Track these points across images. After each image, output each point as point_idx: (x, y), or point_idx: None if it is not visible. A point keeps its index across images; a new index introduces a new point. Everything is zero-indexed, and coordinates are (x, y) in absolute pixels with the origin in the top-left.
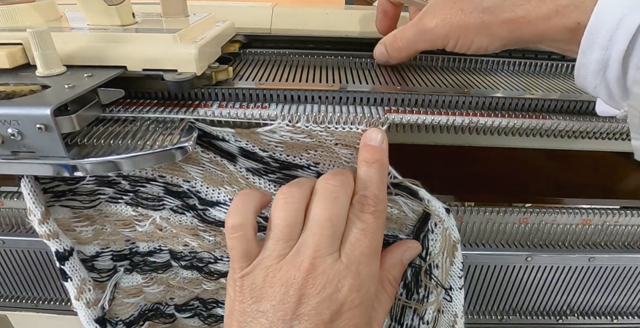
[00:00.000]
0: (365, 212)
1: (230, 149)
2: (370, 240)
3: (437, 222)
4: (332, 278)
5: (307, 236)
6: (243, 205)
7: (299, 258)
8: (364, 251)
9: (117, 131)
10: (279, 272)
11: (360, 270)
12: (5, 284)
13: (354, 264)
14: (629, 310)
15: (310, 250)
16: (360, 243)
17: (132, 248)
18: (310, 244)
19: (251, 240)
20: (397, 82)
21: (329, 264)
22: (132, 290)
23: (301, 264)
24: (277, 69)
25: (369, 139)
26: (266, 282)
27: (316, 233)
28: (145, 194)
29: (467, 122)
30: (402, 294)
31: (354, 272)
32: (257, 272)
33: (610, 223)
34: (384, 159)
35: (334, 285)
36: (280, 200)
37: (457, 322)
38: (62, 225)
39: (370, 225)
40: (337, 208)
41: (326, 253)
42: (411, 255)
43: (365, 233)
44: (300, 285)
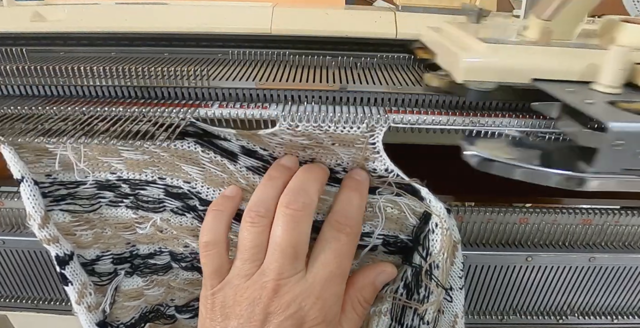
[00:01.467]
0: (341, 232)
1: (231, 148)
2: (339, 262)
3: (437, 222)
4: (296, 297)
5: (270, 260)
6: (214, 222)
7: (264, 279)
8: (333, 271)
9: None
10: (247, 291)
11: (325, 289)
12: (5, 284)
13: (319, 284)
14: (629, 310)
15: (274, 273)
16: (330, 264)
17: (133, 251)
18: (273, 268)
19: (223, 257)
20: (397, 82)
21: (293, 284)
22: (133, 293)
23: (266, 285)
24: (277, 69)
25: (355, 174)
26: (235, 300)
27: (278, 258)
28: (145, 197)
29: (467, 122)
30: (402, 294)
31: (319, 291)
32: (227, 290)
33: (610, 224)
34: (364, 190)
35: (297, 303)
36: (246, 223)
37: (457, 322)
38: (62, 230)
39: (342, 246)
40: (298, 233)
41: (289, 275)
42: (384, 280)
43: (335, 254)
44: (265, 304)
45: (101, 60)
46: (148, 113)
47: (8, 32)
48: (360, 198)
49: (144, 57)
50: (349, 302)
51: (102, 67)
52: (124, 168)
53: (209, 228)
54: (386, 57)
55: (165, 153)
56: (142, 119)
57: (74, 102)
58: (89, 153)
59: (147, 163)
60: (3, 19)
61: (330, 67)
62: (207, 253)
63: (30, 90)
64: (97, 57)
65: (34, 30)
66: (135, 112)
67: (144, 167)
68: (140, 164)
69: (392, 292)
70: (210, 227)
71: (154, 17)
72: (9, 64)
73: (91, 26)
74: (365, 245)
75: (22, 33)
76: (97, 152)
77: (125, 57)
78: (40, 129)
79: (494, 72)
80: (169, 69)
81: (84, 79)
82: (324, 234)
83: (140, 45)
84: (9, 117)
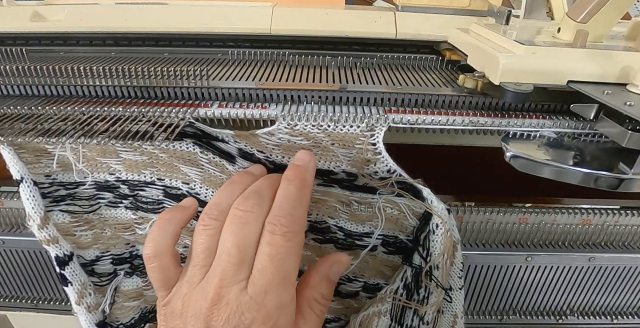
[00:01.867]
0: (275, 234)
1: (229, 150)
2: (277, 267)
3: (439, 223)
4: (235, 310)
5: (216, 264)
6: (159, 233)
7: (207, 288)
8: (271, 279)
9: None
10: (191, 300)
11: (267, 301)
12: (5, 284)
13: (260, 295)
14: (629, 310)
15: (217, 279)
16: (266, 271)
17: (132, 251)
18: (217, 273)
19: (169, 268)
20: (397, 82)
21: (234, 295)
22: (133, 293)
23: (207, 294)
24: (277, 69)
25: (296, 159)
26: (182, 311)
27: (223, 261)
28: (144, 198)
29: (467, 122)
30: (402, 295)
31: (259, 303)
32: (174, 301)
33: (610, 223)
34: (306, 177)
35: (237, 317)
36: (199, 227)
37: (457, 322)
38: (61, 230)
39: (278, 249)
40: (245, 234)
41: (232, 283)
42: (339, 270)
43: (272, 259)
44: (205, 316)
45: (101, 60)
46: (147, 113)
47: (8, 32)
48: (299, 190)
49: (143, 57)
50: (305, 303)
51: (101, 67)
52: (122, 169)
53: (152, 238)
54: (386, 57)
55: (164, 154)
56: (141, 119)
57: (73, 102)
58: (87, 154)
59: (145, 164)
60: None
61: (330, 67)
62: (151, 266)
63: (30, 90)
64: (96, 57)
65: (33, 30)
66: (135, 112)
67: (142, 168)
68: (139, 164)
69: (392, 292)
70: (154, 237)
71: (153, 17)
72: (8, 64)
73: (91, 26)
74: (365, 246)
75: (22, 33)
76: (96, 152)
77: (125, 57)
78: (40, 129)
79: (531, 74)
80: (169, 69)
81: (83, 79)
82: (261, 239)
83: (140, 45)
84: (9, 117)
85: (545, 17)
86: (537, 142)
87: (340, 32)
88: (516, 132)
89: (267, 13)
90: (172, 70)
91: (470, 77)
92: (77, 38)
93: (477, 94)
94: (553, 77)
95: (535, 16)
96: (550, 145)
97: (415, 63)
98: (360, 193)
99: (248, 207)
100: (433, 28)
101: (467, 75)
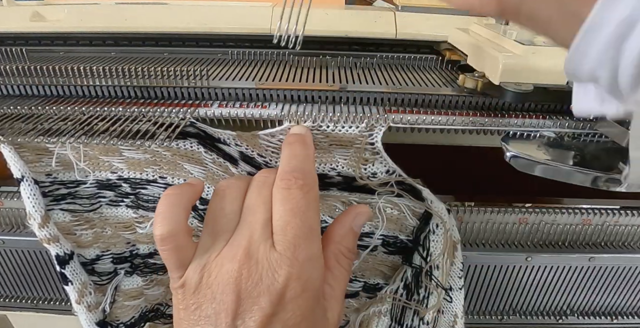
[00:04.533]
0: (291, 189)
1: (231, 153)
2: (301, 220)
3: (439, 223)
4: (267, 268)
5: (241, 225)
6: (170, 210)
7: (234, 250)
8: (297, 233)
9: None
10: (215, 269)
11: (297, 254)
12: (5, 284)
13: (289, 250)
14: (629, 310)
15: (245, 240)
16: (291, 226)
17: (133, 250)
18: (245, 233)
19: (185, 247)
20: (397, 82)
21: (263, 253)
22: (133, 292)
23: (235, 255)
24: (277, 69)
25: (294, 130)
26: (204, 283)
27: (249, 221)
28: (146, 196)
29: (467, 122)
30: (402, 295)
31: (290, 258)
32: (193, 276)
33: (610, 223)
34: (307, 140)
35: (270, 275)
36: (218, 191)
37: (457, 322)
38: (62, 229)
39: (299, 202)
40: (267, 193)
41: (260, 241)
42: (361, 221)
43: (294, 213)
44: (235, 279)
45: (101, 60)
46: (148, 113)
47: (8, 32)
48: (304, 148)
49: (143, 57)
50: (332, 257)
51: (102, 67)
52: (124, 168)
53: (165, 217)
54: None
55: (167, 152)
56: (141, 118)
57: (73, 101)
58: (89, 152)
59: (148, 162)
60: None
61: (330, 67)
62: (165, 248)
63: (30, 90)
64: (97, 57)
65: (34, 30)
66: (135, 112)
67: (145, 166)
68: (142, 163)
69: (392, 292)
70: (167, 215)
71: (153, 17)
72: (9, 63)
73: (91, 26)
74: (366, 246)
75: (22, 33)
76: (98, 151)
77: (125, 57)
78: (40, 128)
79: (531, 74)
80: (169, 69)
81: (83, 78)
82: (275, 198)
83: (140, 45)
84: (9, 117)
85: None
86: (537, 142)
87: (340, 32)
88: (516, 132)
89: (267, 13)
90: (172, 70)
91: (470, 77)
92: (77, 38)
93: (477, 94)
94: (553, 77)
95: None
96: (550, 145)
97: (415, 63)
98: (360, 193)
99: (271, 172)
100: (433, 28)
101: (467, 75)
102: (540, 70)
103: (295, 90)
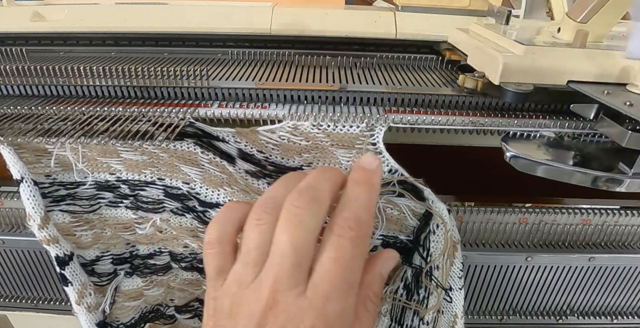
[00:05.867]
0: (343, 238)
1: (229, 151)
2: (342, 273)
3: (439, 223)
4: (293, 316)
5: (268, 266)
6: (225, 218)
7: (260, 290)
8: (335, 285)
9: None
10: (243, 301)
11: (328, 308)
12: (5, 284)
13: (320, 300)
14: (629, 310)
15: (270, 282)
16: (330, 276)
17: (133, 251)
18: (270, 276)
19: (228, 257)
20: (397, 82)
21: (291, 300)
22: (133, 293)
23: (261, 297)
24: (277, 69)
25: (364, 163)
26: (232, 310)
27: (277, 264)
28: (145, 198)
29: (467, 122)
30: (402, 295)
31: (320, 309)
32: (223, 299)
33: (610, 224)
34: (375, 182)
35: (294, 323)
36: (252, 221)
37: (457, 322)
38: (61, 230)
39: (345, 254)
40: (301, 234)
41: (288, 287)
42: (390, 266)
43: (337, 265)
44: (258, 320)
45: (101, 60)
46: (147, 113)
47: (8, 32)
48: (369, 193)
49: (143, 57)
50: (360, 302)
51: (102, 67)
52: (123, 169)
53: (219, 222)
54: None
55: (164, 154)
56: (141, 118)
57: (73, 102)
58: (88, 154)
59: (146, 164)
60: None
61: (330, 67)
62: (210, 252)
63: (30, 90)
64: (97, 57)
65: (33, 30)
66: (135, 112)
67: (143, 167)
68: (140, 164)
69: (391, 292)
70: (221, 222)
71: (153, 17)
72: (8, 64)
73: (91, 26)
74: None
75: (22, 33)
76: (97, 152)
77: (125, 57)
78: (40, 128)
79: (531, 74)
80: (169, 69)
81: (83, 78)
82: (324, 242)
83: (140, 45)
84: (9, 117)
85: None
86: (537, 142)
87: (340, 32)
88: (516, 132)
89: (267, 13)
90: (172, 70)
91: (470, 77)
92: (77, 38)
93: (477, 94)
94: (553, 77)
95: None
96: (550, 145)
97: (415, 63)
98: None
99: (303, 202)
100: (433, 28)
101: (467, 75)
102: (540, 70)
103: (295, 90)
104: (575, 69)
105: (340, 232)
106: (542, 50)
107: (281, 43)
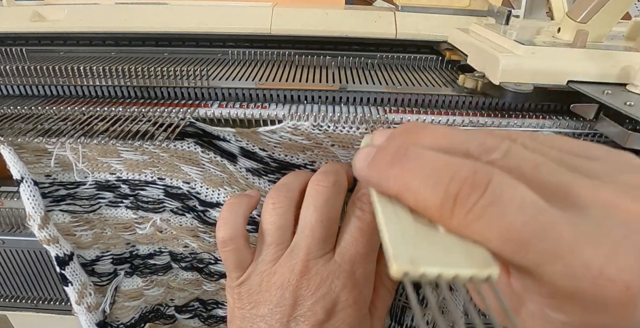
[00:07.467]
0: (365, 211)
1: (231, 149)
2: (367, 240)
3: None
4: (325, 279)
5: (300, 239)
6: (231, 216)
7: (292, 261)
8: (360, 250)
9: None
10: (274, 275)
11: (355, 269)
12: (5, 284)
13: (348, 264)
14: None
15: (303, 253)
16: (356, 243)
17: (133, 251)
18: (302, 247)
19: (243, 250)
20: (397, 82)
21: (322, 265)
22: (133, 293)
23: (294, 267)
24: (277, 69)
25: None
26: (262, 286)
27: (308, 236)
28: (145, 197)
29: (467, 122)
30: (402, 295)
31: (348, 271)
32: (252, 278)
33: None
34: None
35: (327, 285)
36: (269, 205)
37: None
38: (61, 230)
39: (369, 224)
40: (328, 210)
41: (318, 255)
42: None
43: (363, 233)
44: (294, 287)
45: (101, 60)
46: (147, 113)
47: (8, 32)
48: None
49: (143, 57)
50: (378, 279)
51: (101, 67)
52: (123, 169)
53: (227, 221)
54: (386, 57)
55: (165, 153)
56: (141, 118)
57: (73, 102)
58: (88, 153)
59: (146, 163)
60: (3, 19)
61: (330, 67)
62: (226, 250)
63: (30, 90)
64: (97, 57)
65: (33, 30)
66: (135, 112)
67: (143, 167)
68: (140, 164)
69: None
70: (228, 220)
71: (153, 17)
72: (8, 63)
73: (91, 26)
74: None
75: (22, 33)
76: (97, 152)
77: (125, 57)
78: (40, 128)
79: (531, 74)
80: (169, 69)
81: (83, 78)
82: (348, 214)
83: (140, 45)
84: (9, 117)
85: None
86: None
87: (340, 32)
88: None
89: (267, 13)
90: (172, 70)
91: (470, 77)
92: (77, 38)
93: (477, 94)
94: (553, 77)
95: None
96: None
97: (415, 63)
98: None
99: (328, 183)
100: (433, 28)
101: (467, 75)
102: (540, 70)
103: (295, 90)
104: (575, 68)
105: (362, 206)
106: (542, 50)
107: (281, 43)
